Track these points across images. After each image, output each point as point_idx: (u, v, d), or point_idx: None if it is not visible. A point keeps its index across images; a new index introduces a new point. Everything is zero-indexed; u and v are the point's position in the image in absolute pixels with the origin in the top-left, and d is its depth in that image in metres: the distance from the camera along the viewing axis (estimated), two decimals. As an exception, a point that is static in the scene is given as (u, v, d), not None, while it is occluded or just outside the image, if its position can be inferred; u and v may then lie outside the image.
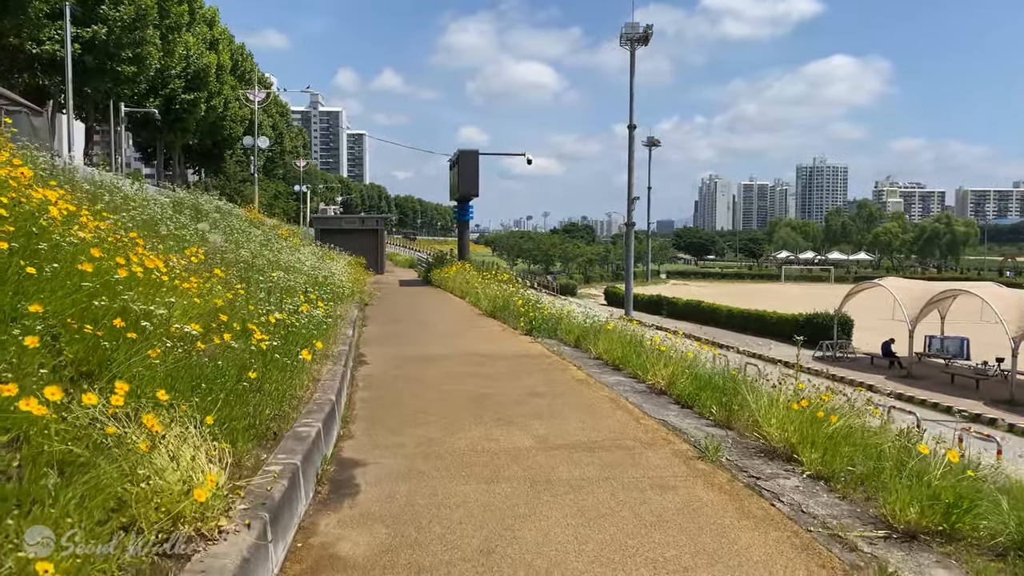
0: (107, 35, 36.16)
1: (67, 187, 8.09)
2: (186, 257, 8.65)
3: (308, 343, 8.24)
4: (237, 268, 12.53)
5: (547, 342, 13.98)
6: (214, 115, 63.37)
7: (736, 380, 8.20)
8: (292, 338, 7.76)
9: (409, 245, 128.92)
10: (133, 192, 16.74)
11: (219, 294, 7.65)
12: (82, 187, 10.63)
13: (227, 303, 7.67)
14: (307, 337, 8.49)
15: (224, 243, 14.29)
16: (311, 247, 27.63)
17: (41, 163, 9.62)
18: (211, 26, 60.77)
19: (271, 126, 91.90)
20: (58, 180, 8.82)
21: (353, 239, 42.71)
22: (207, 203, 22.42)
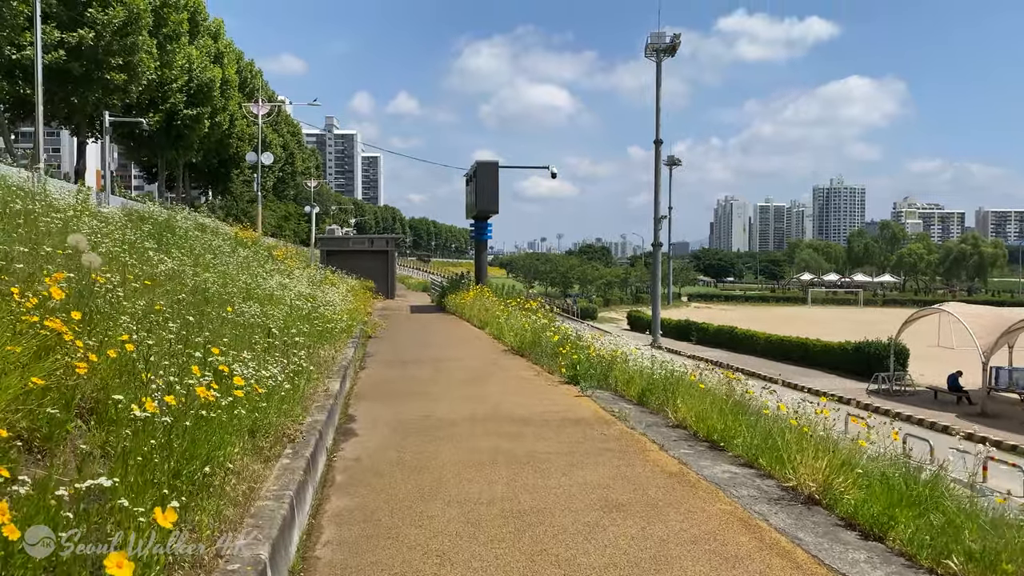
0: (95, 40, 33.28)
1: None
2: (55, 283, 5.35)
3: (234, 433, 4.90)
4: (185, 300, 9.23)
5: (599, 395, 10.55)
6: (219, 132, 60.55)
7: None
8: (199, 433, 4.39)
9: (423, 267, 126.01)
10: (71, 201, 13.52)
11: (95, 348, 4.36)
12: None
13: (89, 369, 4.35)
14: (236, 423, 5.14)
15: (158, 267, 11.00)
16: (310, 270, 24.36)
17: None
18: (216, 39, 58.15)
19: (281, 145, 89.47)
20: None
21: (361, 261, 39.50)
22: (183, 219, 19.20)
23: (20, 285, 5.00)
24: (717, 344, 50.53)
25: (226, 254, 17.18)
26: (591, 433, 8.21)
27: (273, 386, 6.61)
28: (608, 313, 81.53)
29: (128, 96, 37.67)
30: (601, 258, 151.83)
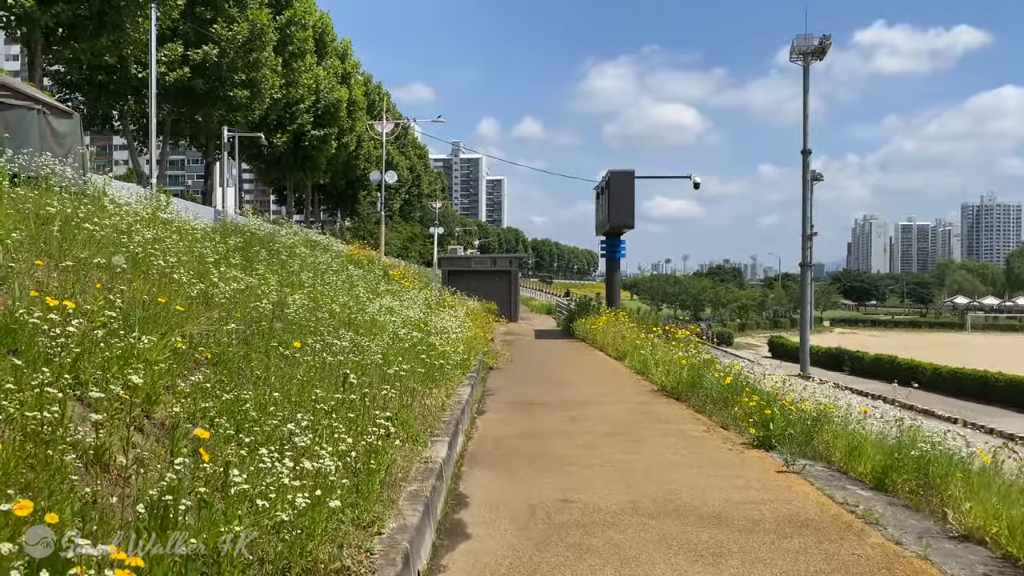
0: (219, 56, 32.78)
1: None
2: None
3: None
4: (235, 331, 6.87)
5: (812, 472, 7.38)
6: (346, 153, 60.44)
7: None
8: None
9: (545, 289, 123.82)
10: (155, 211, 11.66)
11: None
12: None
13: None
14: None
15: (240, 284, 8.70)
16: (427, 291, 22.15)
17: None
18: (343, 59, 58.11)
19: (408, 168, 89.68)
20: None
21: (484, 281, 37.29)
22: (290, 235, 17.30)
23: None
24: (874, 375, 45.31)
25: (331, 272, 15.04)
26: (835, 552, 5.14)
27: (327, 485, 3.96)
28: (744, 338, 76.37)
29: (252, 114, 37.14)
30: (733, 280, 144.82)
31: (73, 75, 33.00)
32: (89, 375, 4.66)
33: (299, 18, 43.07)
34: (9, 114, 12.35)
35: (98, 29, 26.56)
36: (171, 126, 36.11)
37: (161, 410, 5.17)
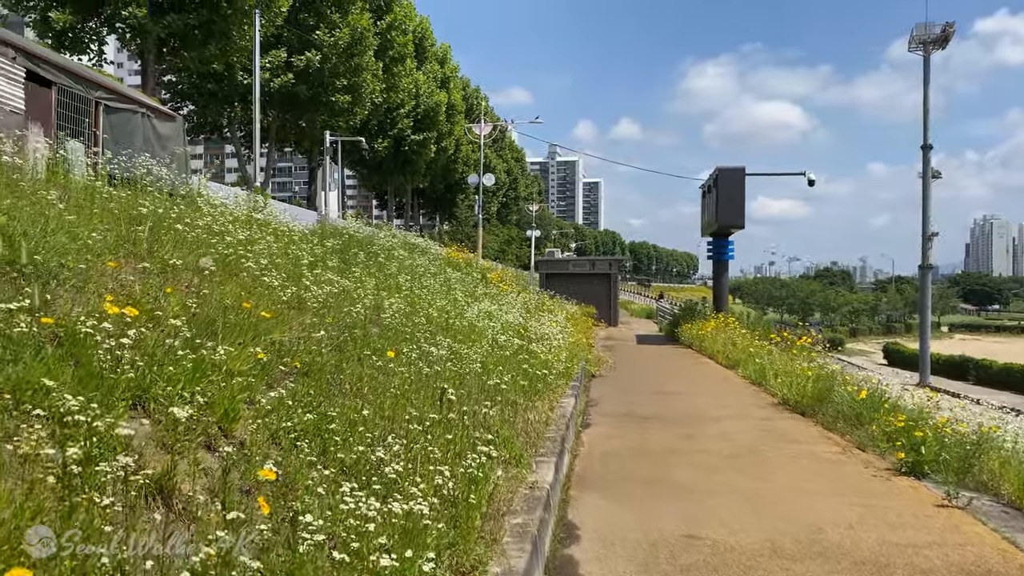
0: (321, 62, 33.22)
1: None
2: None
3: None
4: (324, 339, 6.36)
5: (980, 507, 6.31)
6: (444, 157, 60.80)
7: None
8: None
9: (644, 292, 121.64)
10: (265, 214, 11.44)
11: None
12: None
13: None
14: None
15: (335, 287, 8.22)
16: (525, 295, 21.52)
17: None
18: (442, 63, 58.43)
19: (505, 171, 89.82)
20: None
21: (582, 285, 36.44)
22: (388, 237, 17.00)
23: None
24: (1005, 385, 42.05)
25: (429, 275, 14.59)
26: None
27: (420, 537, 3.31)
28: (856, 344, 72.64)
29: (353, 119, 37.54)
30: (842, 283, 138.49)
31: (184, 84, 34.10)
32: (160, 389, 4.17)
33: (399, 23, 43.40)
34: (114, 117, 12.42)
35: (206, 38, 27.20)
36: (276, 132, 36.85)
37: (240, 428, 4.66)
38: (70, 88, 11.48)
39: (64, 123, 11.06)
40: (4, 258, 5.07)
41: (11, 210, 5.52)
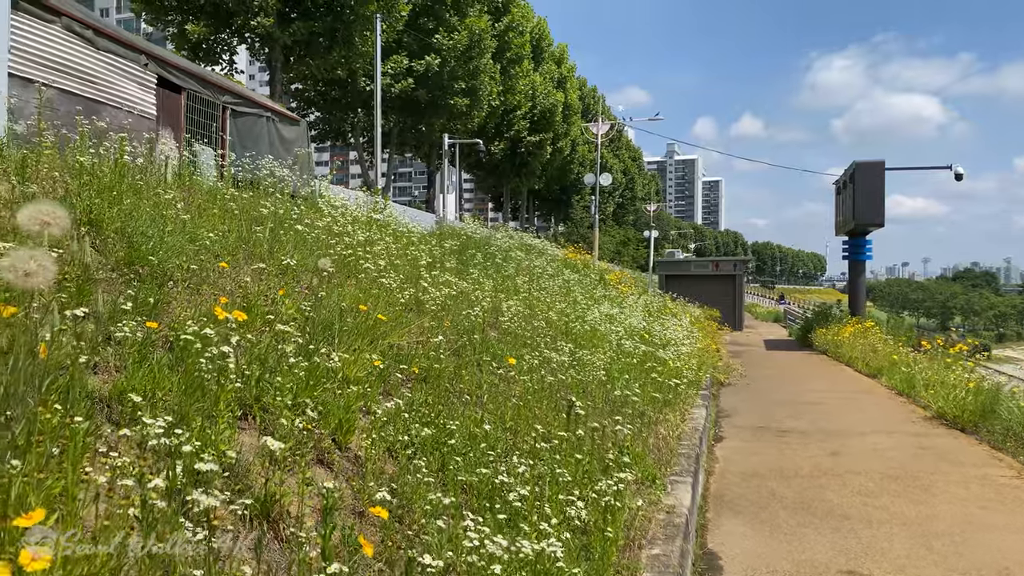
0: (440, 66, 33.49)
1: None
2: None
3: None
4: (442, 344, 6.02)
5: None
6: (560, 158, 60.45)
7: None
8: None
9: (768, 295, 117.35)
10: (382, 215, 11.35)
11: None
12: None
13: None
14: None
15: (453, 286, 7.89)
16: (645, 297, 20.79)
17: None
18: (559, 63, 58.10)
19: (621, 171, 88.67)
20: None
21: (704, 287, 35.17)
22: (505, 239, 16.71)
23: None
24: None
25: (547, 277, 14.18)
26: None
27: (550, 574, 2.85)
28: (1004, 351, 67.29)
29: (471, 121, 37.70)
30: (986, 285, 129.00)
31: (310, 92, 35.16)
32: (270, 398, 3.90)
33: (516, 24, 43.34)
34: (241, 121, 12.63)
35: (330, 44, 27.86)
36: (396, 136, 37.46)
37: (355, 440, 4.34)
38: (199, 93, 11.73)
39: (193, 127, 11.30)
40: (123, 259, 4.97)
41: (132, 210, 5.44)
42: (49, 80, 8.39)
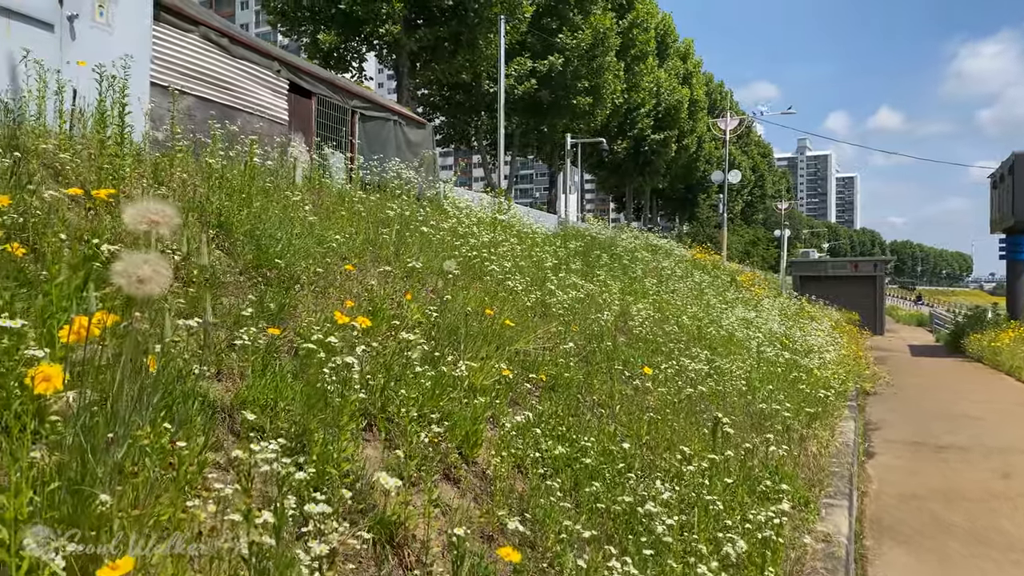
0: (563, 66, 33.19)
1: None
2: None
3: None
4: (571, 351, 5.72)
5: None
6: (685, 156, 58.90)
7: None
8: None
9: (908, 296, 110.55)
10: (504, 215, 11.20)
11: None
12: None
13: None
14: None
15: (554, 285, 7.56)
16: (780, 299, 19.76)
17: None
18: (684, 59, 56.69)
19: (750, 167, 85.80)
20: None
21: (842, 288, 33.31)
22: (629, 240, 16.24)
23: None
24: None
25: (675, 278, 13.64)
26: None
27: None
28: None
29: (594, 121, 37.21)
30: None
31: (435, 97, 35.68)
32: (395, 408, 3.69)
33: (641, 20, 42.50)
34: (369, 125, 12.77)
35: (455, 49, 28.11)
36: (519, 138, 37.47)
37: (483, 454, 4.08)
38: (329, 98, 11.91)
39: (323, 131, 11.49)
40: (251, 263, 4.92)
41: (261, 213, 5.41)
42: (187, 87, 8.66)
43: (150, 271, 1.67)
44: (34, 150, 4.11)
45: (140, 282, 1.65)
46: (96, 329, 2.01)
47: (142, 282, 1.65)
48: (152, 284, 1.67)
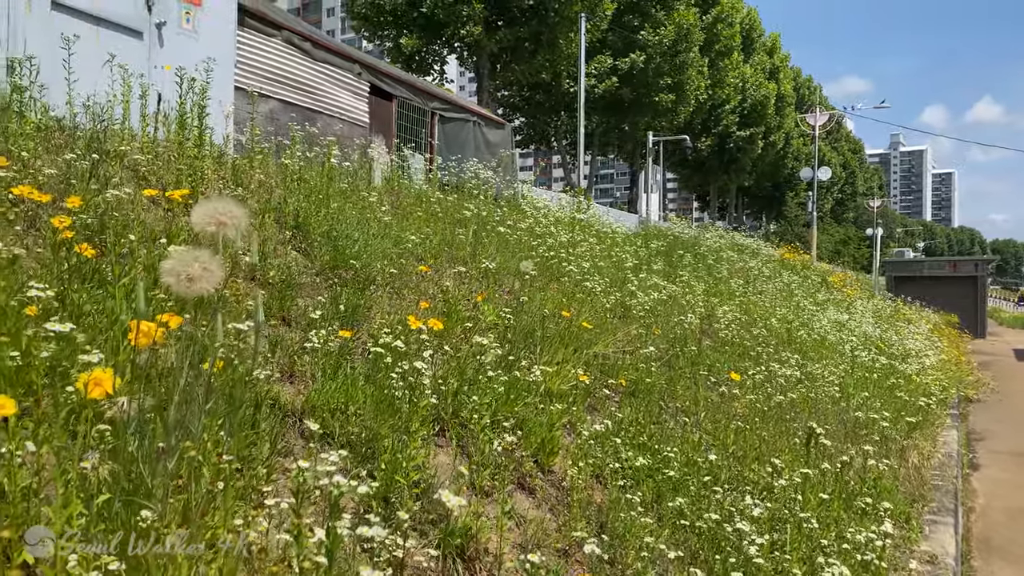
0: (645, 63, 32.69)
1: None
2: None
3: None
4: (652, 356, 5.51)
5: None
6: (772, 153, 57.29)
7: None
8: None
9: (1011, 297, 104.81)
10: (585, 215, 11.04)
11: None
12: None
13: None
14: None
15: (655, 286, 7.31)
16: (873, 300, 18.92)
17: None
18: (771, 54, 55.17)
19: (840, 164, 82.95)
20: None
21: (939, 289, 31.69)
22: (713, 239, 15.80)
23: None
24: None
25: (763, 279, 13.18)
26: None
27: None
28: None
29: (676, 118, 36.56)
30: None
31: (515, 97, 35.68)
32: (467, 414, 3.57)
33: (725, 15, 41.58)
34: (448, 126, 12.78)
35: (535, 49, 28.03)
36: (599, 137, 37.14)
37: (560, 461, 3.93)
38: (409, 100, 11.97)
39: (403, 133, 11.54)
40: (327, 263, 4.90)
41: (338, 214, 5.39)
42: (270, 91, 8.80)
43: (200, 269, 1.58)
44: (114, 152, 4.17)
45: (190, 280, 1.57)
46: (158, 332, 1.95)
47: (191, 280, 1.57)
48: (202, 283, 1.58)
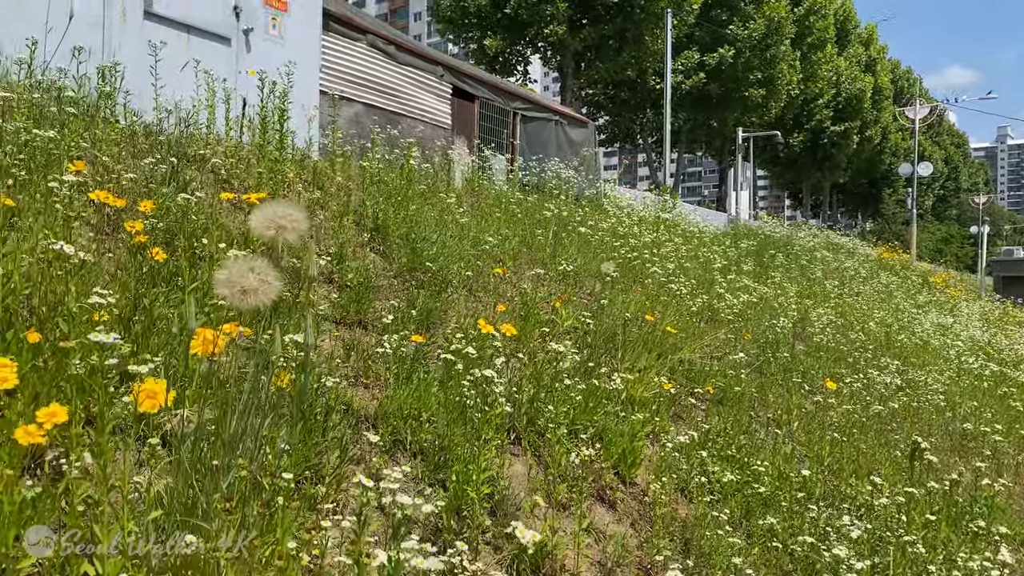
0: (734, 58, 31.85)
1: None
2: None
3: None
4: (742, 363, 5.27)
5: None
6: (868, 148, 55.03)
7: None
8: None
9: None
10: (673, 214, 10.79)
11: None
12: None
13: None
14: None
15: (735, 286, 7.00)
16: (980, 302, 17.88)
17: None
18: (867, 46, 53.03)
19: (942, 159, 79.17)
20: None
21: (1054, 290, 29.80)
22: (806, 239, 15.23)
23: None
24: None
25: (860, 279, 12.61)
26: None
27: None
28: None
29: (767, 113, 35.52)
30: None
31: (599, 96, 35.35)
32: (544, 422, 3.44)
33: (819, 7, 40.17)
34: (530, 126, 12.70)
35: (620, 46, 27.69)
36: (686, 134, 36.45)
37: (642, 473, 3.76)
38: (491, 101, 11.93)
39: (485, 133, 11.51)
40: (405, 265, 4.85)
41: (416, 216, 5.35)
42: (354, 95, 8.89)
43: (256, 281, 1.50)
44: (195, 156, 4.23)
45: (244, 293, 1.49)
46: (219, 341, 1.89)
47: (246, 293, 1.49)
48: (258, 295, 1.50)
